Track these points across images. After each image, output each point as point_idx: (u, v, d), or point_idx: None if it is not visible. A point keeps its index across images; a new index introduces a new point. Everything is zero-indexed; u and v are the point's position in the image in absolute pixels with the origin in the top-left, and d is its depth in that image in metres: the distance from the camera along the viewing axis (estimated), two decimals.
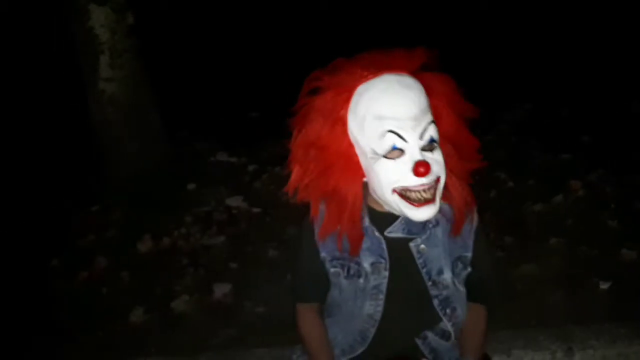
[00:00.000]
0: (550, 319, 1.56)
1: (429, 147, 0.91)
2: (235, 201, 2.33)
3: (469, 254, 1.02)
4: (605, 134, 2.56)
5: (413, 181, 0.89)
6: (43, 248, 2.09)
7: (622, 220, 1.98)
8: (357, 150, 0.94)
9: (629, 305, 1.59)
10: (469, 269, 1.02)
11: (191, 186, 2.49)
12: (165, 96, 2.73)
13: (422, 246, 1.00)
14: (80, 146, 2.64)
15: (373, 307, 1.02)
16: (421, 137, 0.90)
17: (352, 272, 1.02)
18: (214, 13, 4.52)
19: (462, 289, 1.02)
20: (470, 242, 1.02)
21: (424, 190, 0.90)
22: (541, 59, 3.41)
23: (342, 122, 0.93)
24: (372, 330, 1.02)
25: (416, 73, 0.94)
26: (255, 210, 2.27)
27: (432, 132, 0.91)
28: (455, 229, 0.99)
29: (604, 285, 1.69)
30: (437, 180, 0.91)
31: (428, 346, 1.02)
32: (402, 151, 0.89)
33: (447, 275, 1.00)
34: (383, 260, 1.01)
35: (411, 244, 1.00)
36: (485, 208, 2.12)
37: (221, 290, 1.84)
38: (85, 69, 2.58)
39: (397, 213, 0.95)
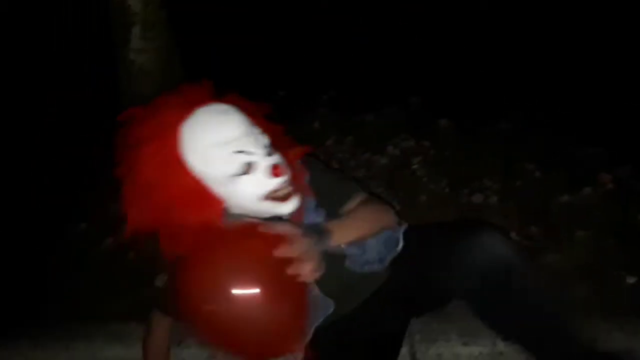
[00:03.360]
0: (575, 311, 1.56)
1: (268, 152, 1.02)
2: None
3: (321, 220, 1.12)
4: (638, 129, 2.50)
5: (274, 183, 1.00)
6: (73, 212, 2.15)
7: None
8: (208, 182, 1.00)
9: None
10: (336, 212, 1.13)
11: None
12: (193, 71, 2.74)
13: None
14: (111, 117, 2.67)
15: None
16: (261, 146, 1.01)
17: None
18: None
19: None
20: (314, 213, 1.12)
21: (286, 187, 1.02)
22: (578, 49, 3.33)
23: (179, 162, 0.99)
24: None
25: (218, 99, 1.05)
26: None
27: (265, 139, 1.03)
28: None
29: (631, 280, 1.66)
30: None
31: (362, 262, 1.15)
32: (251, 164, 0.99)
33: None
34: None
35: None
36: (509, 197, 2.11)
37: None
38: (117, 41, 2.60)
39: (266, 217, 1.04)
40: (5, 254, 1.98)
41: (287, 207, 1.03)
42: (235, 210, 1.05)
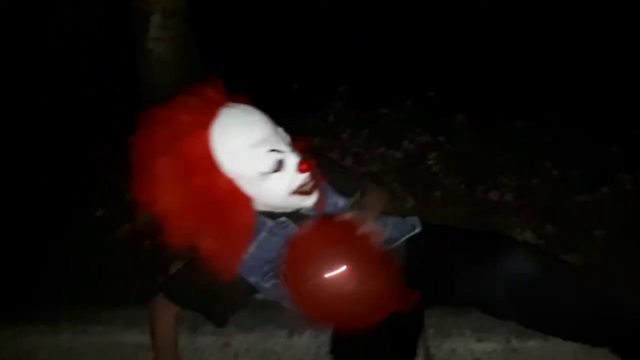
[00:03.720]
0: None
1: (292, 149, 1.07)
2: None
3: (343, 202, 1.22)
4: None
5: (302, 178, 1.06)
6: (90, 199, 2.18)
7: None
8: (239, 181, 1.04)
9: None
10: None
11: None
12: (208, 66, 2.74)
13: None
14: (127, 107, 2.69)
15: None
16: (286, 143, 1.06)
17: None
18: None
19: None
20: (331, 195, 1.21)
21: (310, 180, 1.08)
22: (597, 47, 3.28)
23: (213, 164, 1.01)
24: None
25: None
26: None
27: (287, 137, 1.09)
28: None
29: None
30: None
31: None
32: (282, 161, 1.04)
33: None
34: None
35: None
36: (526, 195, 2.09)
37: None
38: (135, 31, 2.61)
39: (291, 209, 1.13)
40: (22, 240, 2.01)
41: (312, 200, 1.09)
42: (261, 206, 1.07)
